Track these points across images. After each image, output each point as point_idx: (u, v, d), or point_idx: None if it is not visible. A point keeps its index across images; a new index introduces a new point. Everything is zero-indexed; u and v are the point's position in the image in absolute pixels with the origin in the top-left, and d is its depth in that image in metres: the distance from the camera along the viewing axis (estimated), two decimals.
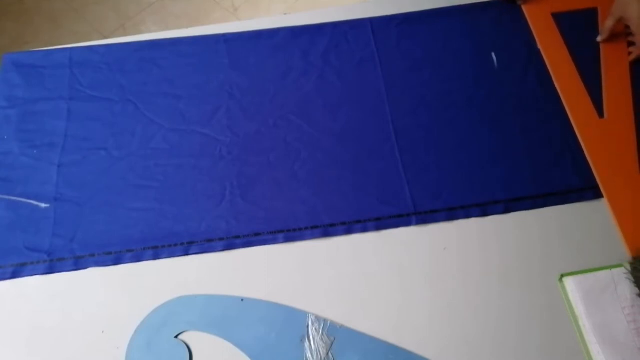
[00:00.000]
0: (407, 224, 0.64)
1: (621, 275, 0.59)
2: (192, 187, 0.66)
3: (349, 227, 0.64)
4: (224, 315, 0.58)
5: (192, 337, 0.57)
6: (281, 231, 0.63)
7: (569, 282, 0.59)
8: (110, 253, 0.62)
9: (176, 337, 0.57)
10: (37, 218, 0.64)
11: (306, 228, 0.64)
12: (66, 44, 0.79)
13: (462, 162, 0.68)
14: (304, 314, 0.58)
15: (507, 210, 0.65)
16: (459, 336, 0.58)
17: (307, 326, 0.57)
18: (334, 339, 0.57)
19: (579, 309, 0.58)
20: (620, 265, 0.60)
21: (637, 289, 0.58)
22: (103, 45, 0.78)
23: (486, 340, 0.57)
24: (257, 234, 0.63)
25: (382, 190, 0.66)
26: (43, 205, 0.65)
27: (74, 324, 0.58)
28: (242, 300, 0.59)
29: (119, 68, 0.76)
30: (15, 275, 0.61)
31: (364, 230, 0.64)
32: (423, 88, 0.74)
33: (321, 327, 0.57)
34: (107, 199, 0.66)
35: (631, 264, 0.60)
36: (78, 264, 0.61)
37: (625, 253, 0.61)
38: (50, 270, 0.61)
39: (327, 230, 0.64)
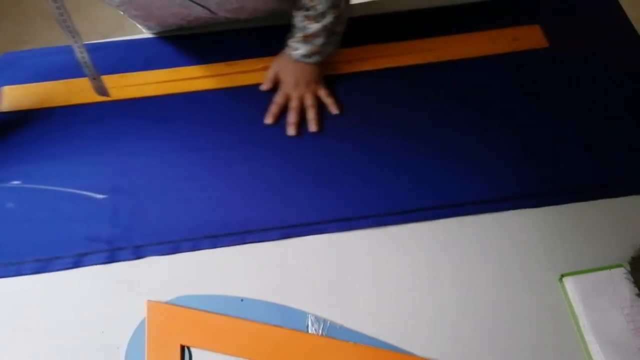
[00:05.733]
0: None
1: (620, 275, 0.59)
2: (250, 177, 0.67)
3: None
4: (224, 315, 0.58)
5: None
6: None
7: (568, 282, 0.59)
8: (168, 242, 0.62)
9: None
10: (95, 209, 0.65)
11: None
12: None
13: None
14: (303, 314, 0.58)
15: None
16: (458, 336, 0.58)
17: (307, 326, 0.57)
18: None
19: (579, 308, 0.58)
20: (619, 265, 0.60)
21: (636, 289, 0.58)
22: (134, 39, 0.79)
23: (486, 340, 0.57)
24: (318, 223, 0.64)
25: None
26: (99, 196, 0.65)
27: (74, 324, 0.58)
28: (242, 300, 0.59)
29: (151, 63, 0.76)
30: (76, 264, 0.61)
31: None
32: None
33: (321, 327, 0.57)
34: (162, 189, 0.66)
35: (630, 264, 0.60)
36: (137, 253, 0.62)
37: (625, 253, 0.62)
38: (111, 259, 0.61)
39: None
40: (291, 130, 0.70)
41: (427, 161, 0.68)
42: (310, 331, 0.57)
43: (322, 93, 0.73)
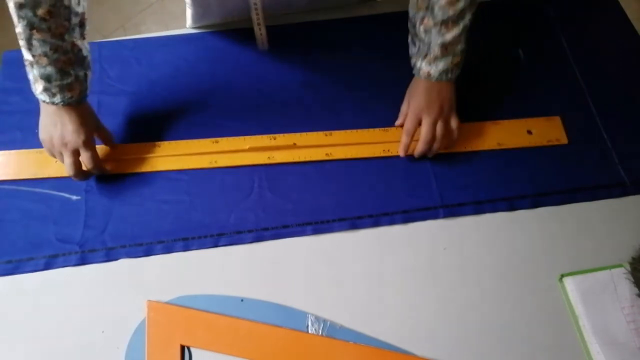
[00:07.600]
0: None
1: (621, 276, 0.59)
2: (221, 180, 0.67)
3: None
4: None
5: None
6: (309, 223, 0.64)
7: (569, 282, 0.59)
8: (141, 244, 0.62)
9: None
10: (69, 210, 0.64)
11: (334, 220, 0.64)
12: None
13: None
14: (303, 315, 0.58)
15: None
16: (459, 336, 0.58)
17: (307, 326, 0.57)
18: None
19: (579, 309, 0.58)
20: (620, 265, 0.60)
21: (636, 289, 0.58)
22: (131, 39, 0.79)
23: (486, 340, 0.57)
24: (285, 226, 0.63)
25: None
26: (74, 197, 0.65)
27: (73, 324, 0.58)
28: (242, 300, 0.59)
29: (147, 62, 0.76)
30: (47, 266, 0.61)
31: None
32: None
33: (321, 327, 0.57)
34: (137, 191, 0.66)
35: (631, 264, 0.60)
36: (109, 255, 0.62)
37: (625, 253, 0.61)
38: (82, 261, 0.61)
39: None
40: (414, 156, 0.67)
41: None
42: (310, 331, 0.57)
43: (455, 123, 0.64)
